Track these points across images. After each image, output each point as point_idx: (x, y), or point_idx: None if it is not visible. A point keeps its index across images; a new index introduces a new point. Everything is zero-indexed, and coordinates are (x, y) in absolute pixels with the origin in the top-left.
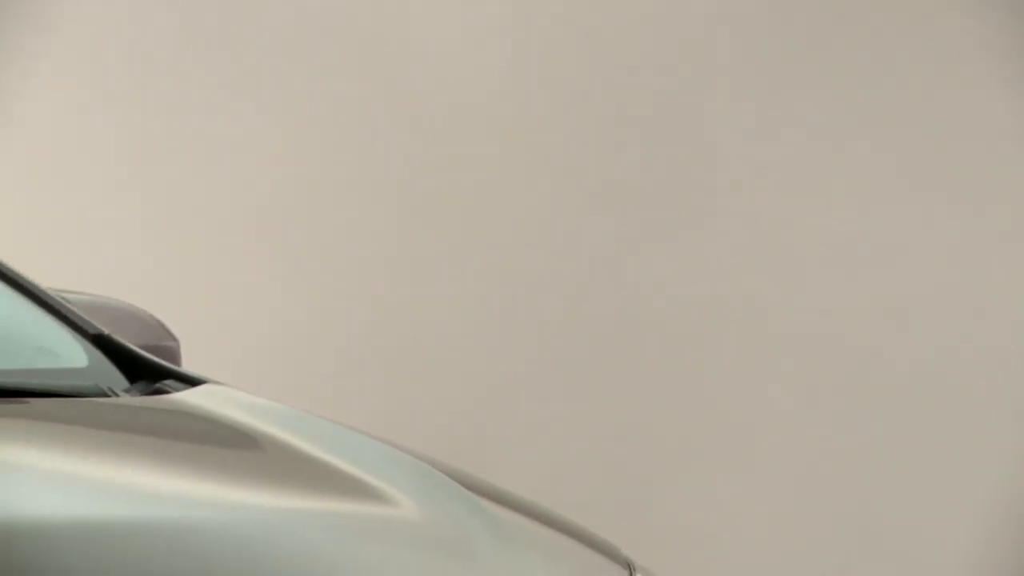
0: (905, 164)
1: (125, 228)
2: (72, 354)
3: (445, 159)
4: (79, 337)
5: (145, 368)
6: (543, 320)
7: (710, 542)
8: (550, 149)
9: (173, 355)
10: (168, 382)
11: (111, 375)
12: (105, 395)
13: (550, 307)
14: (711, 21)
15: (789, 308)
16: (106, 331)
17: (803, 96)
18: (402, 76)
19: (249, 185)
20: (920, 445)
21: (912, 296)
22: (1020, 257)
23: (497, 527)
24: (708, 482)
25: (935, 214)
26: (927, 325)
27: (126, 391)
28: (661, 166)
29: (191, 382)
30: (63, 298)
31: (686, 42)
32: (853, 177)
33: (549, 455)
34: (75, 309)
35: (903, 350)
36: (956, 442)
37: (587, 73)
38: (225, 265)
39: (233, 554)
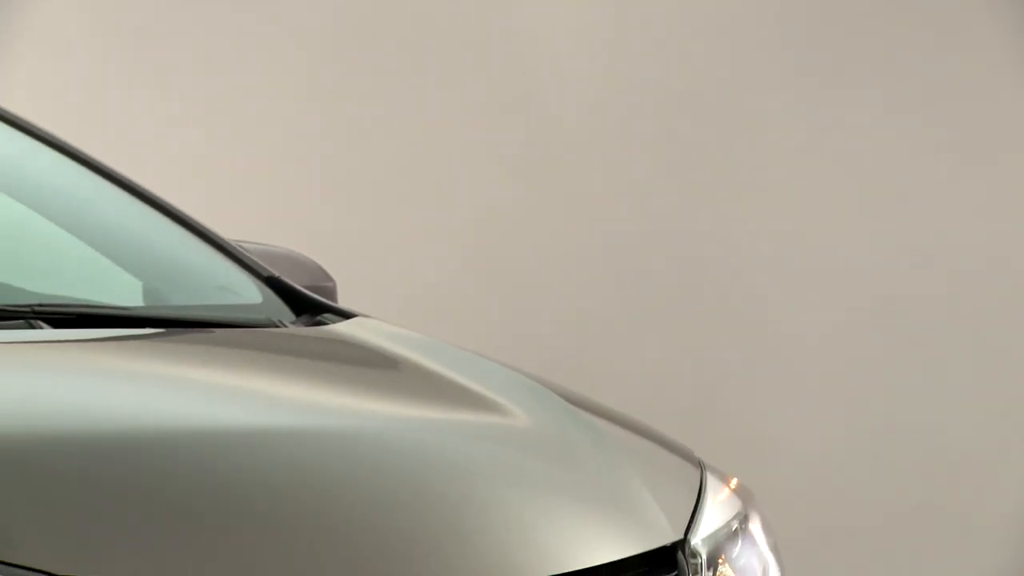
0: (927, 130)
1: (293, 188)
2: (249, 293)
3: (552, 133)
4: (255, 279)
5: (308, 304)
6: (632, 265)
7: (759, 448)
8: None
9: (330, 293)
10: (326, 316)
11: (280, 310)
12: (276, 326)
13: (637, 253)
14: (765, 25)
15: (827, 257)
16: (276, 274)
17: (836, 79)
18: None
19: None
20: (936, 365)
21: (932, 244)
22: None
23: (592, 432)
24: (759, 401)
25: (954, 172)
26: (946, 269)
27: (292, 323)
28: (729, 139)
29: (345, 315)
30: (242, 247)
31: (743, 37)
32: (881, 143)
33: (632, 374)
34: (252, 256)
35: (924, 290)
36: (968, 365)
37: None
38: (373, 217)
39: (383, 454)
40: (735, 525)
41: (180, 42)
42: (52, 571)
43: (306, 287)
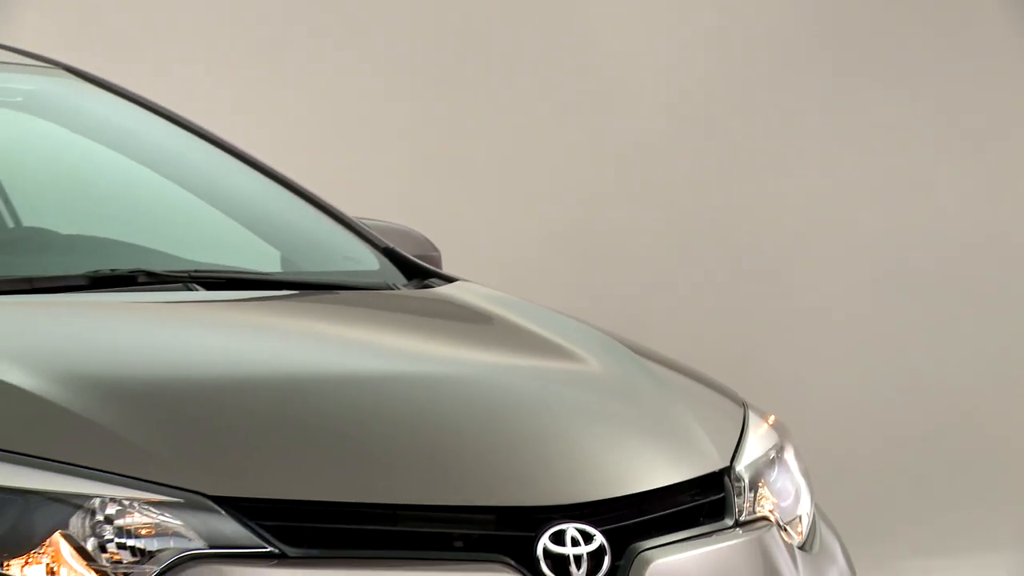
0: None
1: (408, 173)
2: (368, 261)
3: (622, 126)
4: (373, 249)
5: (417, 270)
6: (688, 238)
7: (793, 390)
8: (694, 122)
9: (436, 262)
10: (432, 280)
11: (394, 275)
12: (390, 289)
13: (693, 228)
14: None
15: (853, 231)
16: (391, 245)
17: (859, 79)
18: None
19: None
20: (944, 318)
21: (941, 218)
22: None
23: (653, 377)
24: (793, 351)
25: (958, 160)
26: (953, 239)
27: (404, 286)
28: (770, 130)
29: (448, 280)
30: (363, 223)
31: (781, 44)
32: (900, 136)
33: (689, 329)
34: (371, 230)
35: (934, 256)
36: (971, 317)
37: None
38: (472, 197)
39: (481, 393)
40: (773, 454)
41: (314, 43)
42: (207, 492)
43: (416, 256)
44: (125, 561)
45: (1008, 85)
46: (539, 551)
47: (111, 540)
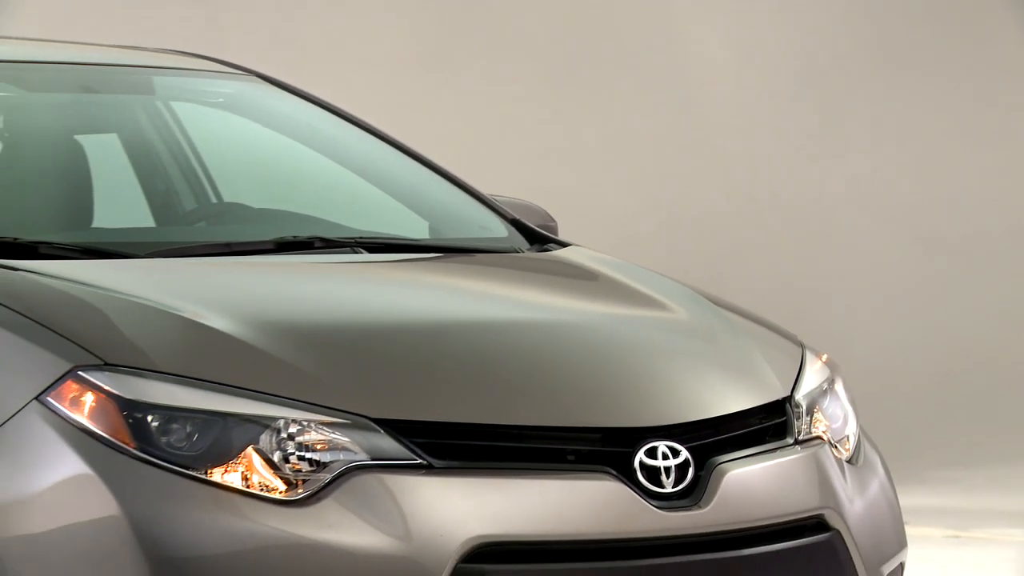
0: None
1: (529, 156)
2: (499, 230)
3: (705, 116)
4: (502, 220)
5: (538, 237)
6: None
7: (843, 333)
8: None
9: (553, 230)
10: (550, 245)
11: (519, 241)
12: (516, 252)
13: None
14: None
15: (896, 202)
16: (516, 216)
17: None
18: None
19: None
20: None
21: (970, 190)
22: None
23: (728, 322)
24: (843, 299)
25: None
26: (979, 207)
27: (527, 250)
28: (831, 118)
29: (563, 244)
30: (494, 198)
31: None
32: (941, 123)
33: (758, 283)
34: (500, 204)
35: (963, 221)
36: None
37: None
38: (581, 176)
39: (592, 337)
40: (825, 386)
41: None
42: (370, 415)
43: (537, 225)
44: (304, 470)
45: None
46: (636, 463)
47: (293, 453)
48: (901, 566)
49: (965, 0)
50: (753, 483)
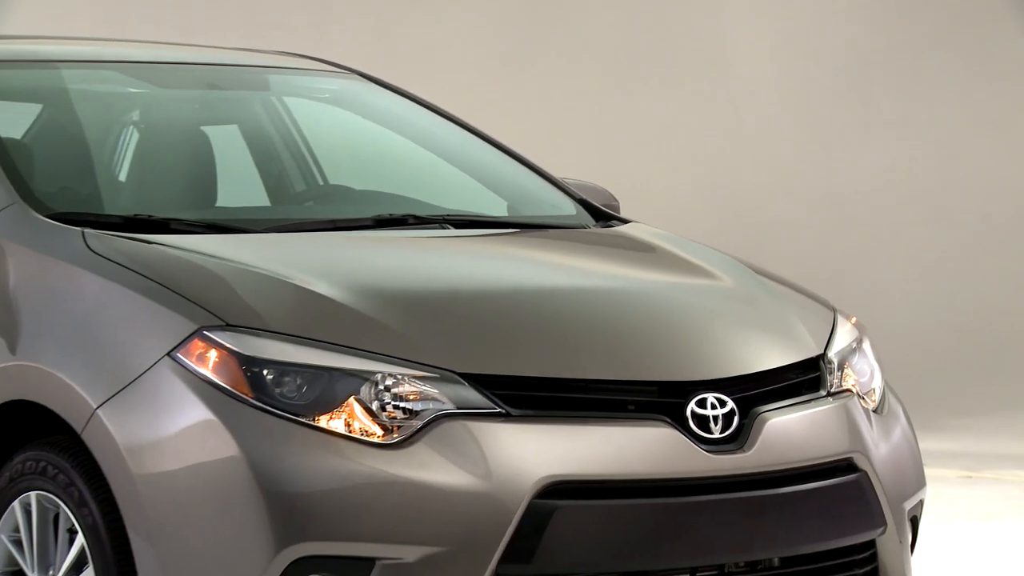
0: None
1: (595, 143)
2: (568, 208)
3: (746, 108)
4: (571, 199)
5: (602, 214)
6: (799, 193)
7: (870, 299)
8: (807, 100)
9: (616, 208)
10: (613, 221)
11: (586, 218)
12: (583, 227)
13: (805, 185)
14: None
15: (922, 184)
16: (583, 196)
17: (927, 69)
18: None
19: (656, 124)
20: (987, 243)
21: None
22: None
23: (768, 288)
24: (871, 269)
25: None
26: (995, 189)
27: (593, 226)
28: (865, 107)
29: (624, 221)
30: (564, 181)
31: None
32: (965, 111)
33: (795, 255)
34: (569, 186)
35: (980, 200)
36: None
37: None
38: (643, 161)
39: (649, 301)
40: (854, 345)
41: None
42: (456, 370)
43: (601, 205)
44: (398, 418)
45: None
46: (688, 412)
47: (389, 403)
48: (920, 503)
49: (981, 10)
50: (790, 430)
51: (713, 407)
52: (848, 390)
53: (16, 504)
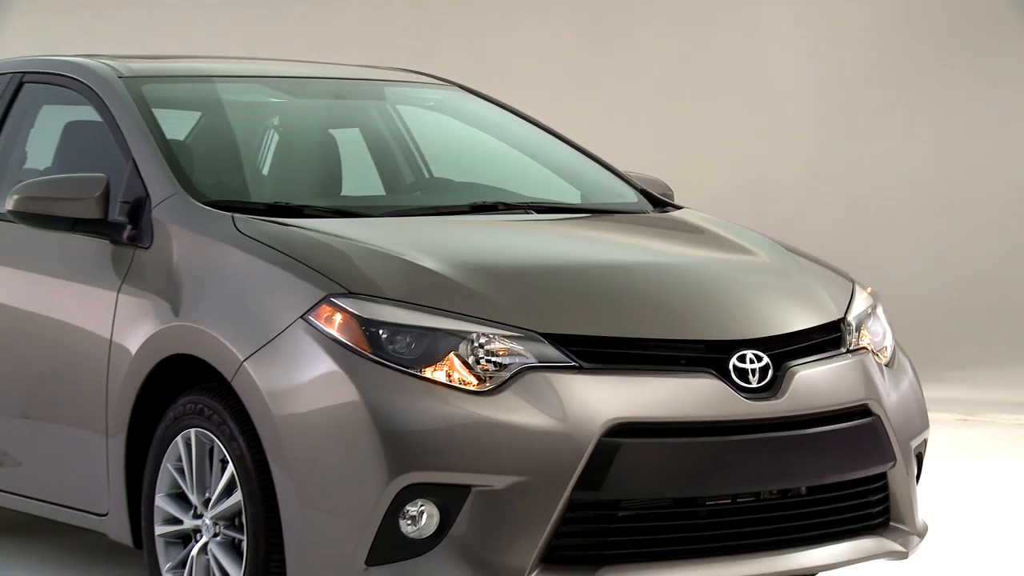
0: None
1: (652, 142)
2: (630, 196)
3: (779, 102)
4: (633, 189)
5: (659, 202)
6: (825, 184)
7: (885, 270)
8: (837, 98)
9: (670, 196)
10: (668, 207)
11: (646, 205)
12: (644, 212)
13: (828, 164)
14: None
15: (937, 178)
16: (643, 187)
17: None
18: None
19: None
20: (982, 226)
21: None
22: None
23: (797, 263)
24: (885, 249)
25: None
26: (983, 187)
27: (651, 211)
28: (882, 102)
29: (678, 207)
30: (628, 173)
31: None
32: (974, 111)
33: (821, 233)
34: (632, 178)
35: (981, 186)
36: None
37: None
38: (692, 156)
39: (698, 272)
40: (869, 310)
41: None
42: (538, 330)
43: (658, 193)
44: (490, 370)
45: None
46: (730, 366)
47: (482, 358)
48: (924, 441)
49: (988, 19)
50: (816, 380)
51: (751, 361)
52: (864, 348)
53: (179, 439)
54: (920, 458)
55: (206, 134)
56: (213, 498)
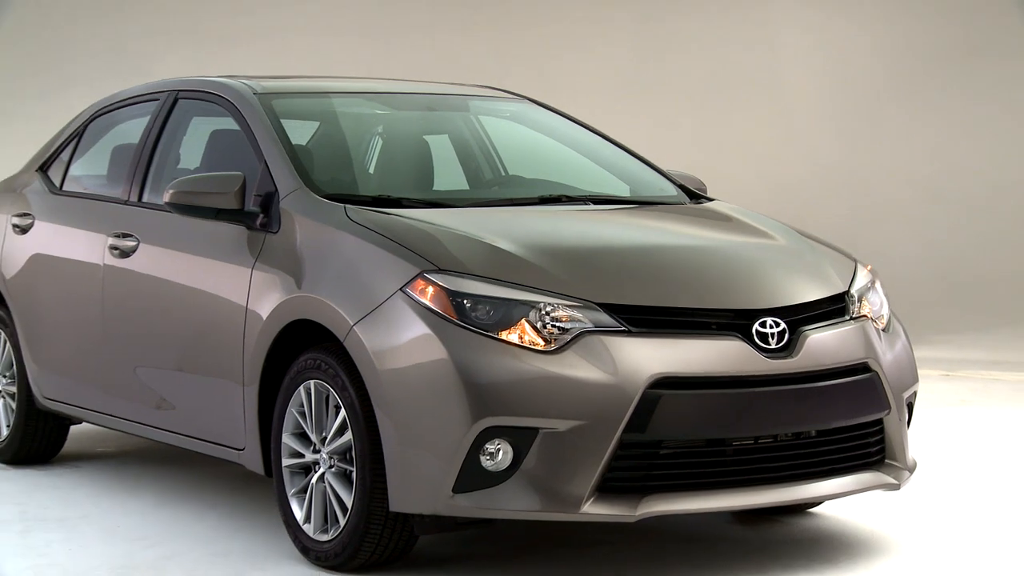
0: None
1: (689, 143)
2: (670, 190)
3: (794, 108)
4: (673, 184)
5: (694, 195)
6: (840, 182)
7: (883, 254)
8: (849, 103)
9: (704, 190)
10: (702, 199)
11: (683, 197)
12: (682, 204)
13: (837, 162)
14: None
15: (921, 168)
16: (681, 182)
17: (954, 81)
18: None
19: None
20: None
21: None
22: None
23: (810, 245)
24: (883, 232)
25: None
26: (969, 184)
27: (688, 203)
28: (884, 114)
29: (710, 199)
30: (669, 172)
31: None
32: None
33: (834, 220)
34: (672, 175)
35: (960, 190)
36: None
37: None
38: (720, 156)
39: (727, 253)
40: (869, 284)
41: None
42: (594, 300)
43: (694, 188)
44: (555, 333)
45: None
46: (753, 331)
47: (548, 323)
48: (914, 393)
49: (968, 48)
50: (824, 343)
51: (771, 327)
52: (865, 316)
53: (301, 389)
54: (911, 407)
55: (323, 140)
56: (328, 437)
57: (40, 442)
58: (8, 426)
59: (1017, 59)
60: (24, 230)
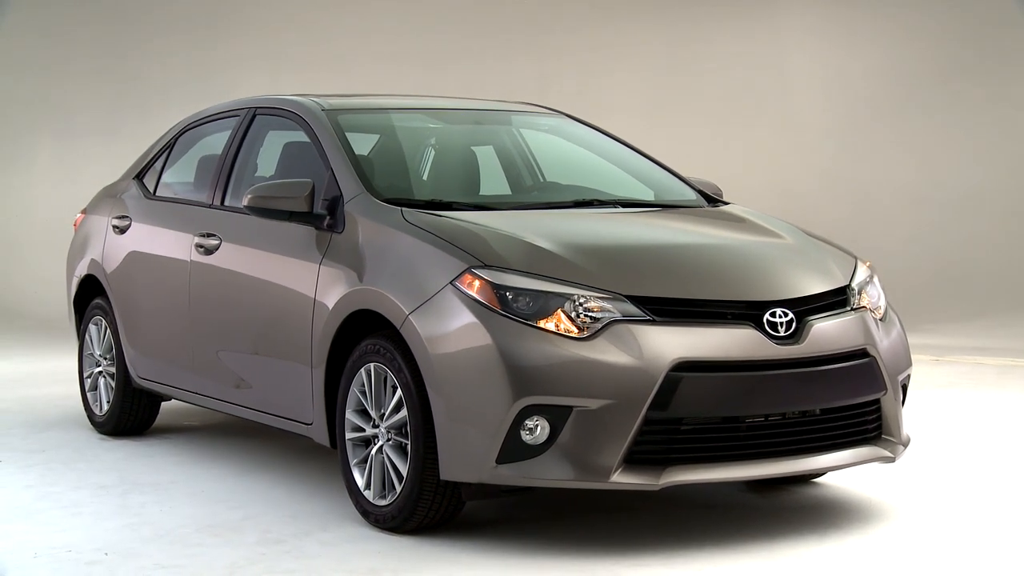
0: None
1: (708, 153)
2: (690, 195)
3: (801, 119)
4: (693, 189)
5: (711, 199)
6: (847, 189)
7: (882, 252)
8: (856, 114)
9: (720, 195)
10: (718, 202)
11: (702, 201)
12: (700, 207)
13: (838, 168)
14: (924, 62)
15: (913, 174)
16: (700, 188)
17: (957, 93)
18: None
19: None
20: (968, 211)
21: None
22: None
23: (815, 243)
24: (882, 232)
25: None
26: (956, 186)
27: (706, 207)
28: (882, 127)
29: (725, 203)
30: (689, 178)
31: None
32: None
33: (837, 224)
34: (692, 181)
35: (947, 193)
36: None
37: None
38: (733, 164)
39: (739, 250)
40: (869, 279)
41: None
42: (623, 292)
43: (711, 193)
44: (587, 322)
45: None
46: (764, 320)
47: (582, 313)
48: (908, 375)
49: (951, 68)
50: (828, 331)
51: (780, 316)
52: (864, 307)
53: (362, 371)
54: (905, 388)
55: (383, 150)
56: (386, 413)
57: (135, 417)
58: (108, 402)
59: (988, 84)
60: (123, 231)
